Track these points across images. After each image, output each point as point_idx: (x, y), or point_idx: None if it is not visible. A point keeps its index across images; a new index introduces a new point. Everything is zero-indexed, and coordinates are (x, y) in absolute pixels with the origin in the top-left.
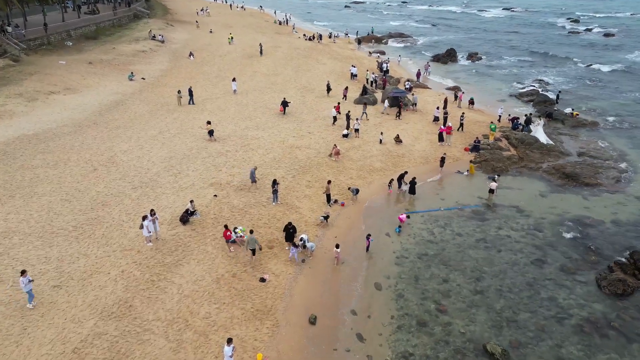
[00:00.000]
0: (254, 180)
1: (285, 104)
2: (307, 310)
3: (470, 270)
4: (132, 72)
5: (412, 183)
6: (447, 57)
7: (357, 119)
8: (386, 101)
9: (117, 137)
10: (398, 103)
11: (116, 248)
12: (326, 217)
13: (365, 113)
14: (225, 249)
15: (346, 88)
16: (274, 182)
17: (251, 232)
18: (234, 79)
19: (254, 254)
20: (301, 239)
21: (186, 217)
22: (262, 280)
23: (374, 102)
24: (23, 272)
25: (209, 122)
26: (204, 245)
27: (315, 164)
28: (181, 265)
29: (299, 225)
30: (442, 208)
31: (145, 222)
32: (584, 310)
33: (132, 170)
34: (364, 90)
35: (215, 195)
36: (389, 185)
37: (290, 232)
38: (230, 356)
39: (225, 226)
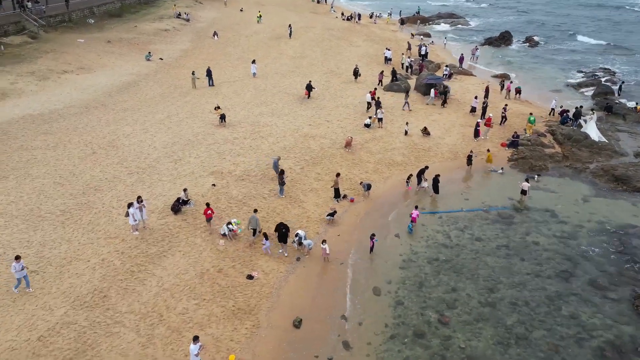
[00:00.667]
0: (277, 172)
1: (309, 87)
2: (293, 312)
3: (484, 279)
4: (149, 52)
5: (435, 180)
6: (501, 40)
7: (380, 108)
8: (432, 91)
9: (122, 120)
10: (431, 90)
11: (101, 235)
12: (332, 214)
13: (408, 103)
14: (214, 243)
15: (381, 72)
16: (282, 173)
17: (255, 211)
18: (253, 61)
19: (254, 234)
20: (297, 235)
21: (178, 206)
22: (250, 277)
23: (406, 90)
24: (17, 258)
25: (217, 107)
26: (192, 237)
27: (328, 155)
28: (165, 257)
29: (300, 220)
30: (464, 209)
31: (131, 210)
32: (610, 332)
33: (132, 154)
34: (394, 76)
35: (214, 185)
36: (407, 182)
37: (282, 232)
38: (196, 355)
39: (207, 204)
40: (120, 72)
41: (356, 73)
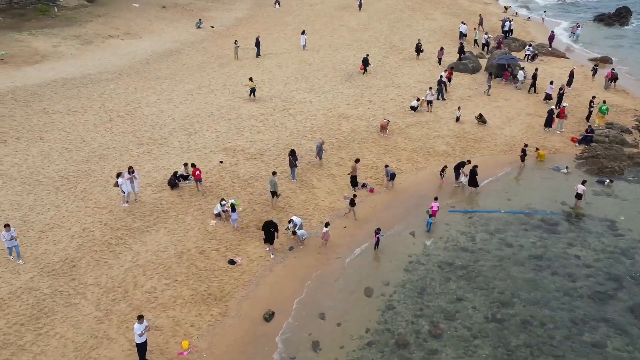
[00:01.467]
0: (320, 157)
1: (366, 62)
2: (268, 304)
3: (500, 291)
4: (200, 20)
5: (473, 173)
6: (615, 18)
7: (430, 89)
8: (521, 72)
9: (150, 89)
10: (503, 73)
11: (90, 204)
12: (352, 202)
13: (490, 86)
14: (205, 222)
15: (441, 49)
16: (293, 153)
17: (274, 173)
18: (303, 32)
19: (273, 196)
20: (290, 221)
21: (174, 181)
22: (232, 262)
23: (473, 70)
24: (6, 226)
25: (251, 79)
26: (183, 215)
27: (358, 139)
28: (148, 233)
29: (305, 207)
30: (503, 210)
31: (119, 180)
32: None
33: (147, 125)
34: (461, 53)
35: (221, 162)
36: (441, 174)
37: (270, 231)
38: (140, 334)
39: (193, 165)
40: (165, 39)
41: (419, 49)
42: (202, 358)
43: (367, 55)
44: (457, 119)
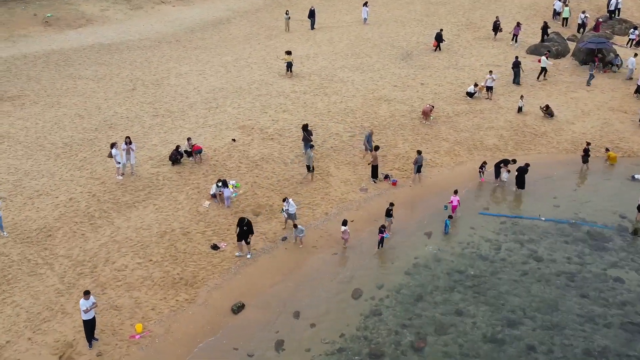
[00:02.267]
0: (369, 148)
1: (439, 37)
2: (240, 295)
3: (510, 309)
4: None
5: (522, 171)
6: None
7: (490, 72)
8: (632, 60)
9: (185, 59)
10: (593, 58)
11: (85, 174)
12: (388, 212)
13: (592, 75)
14: (199, 202)
15: (517, 25)
16: (305, 128)
17: (312, 147)
18: (365, 4)
19: (308, 170)
20: (285, 200)
21: (176, 157)
22: (215, 247)
23: (558, 55)
24: None
25: (288, 53)
26: (177, 192)
27: (395, 125)
28: (135, 208)
29: (313, 196)
30: (544, 218)
31: (113, 151)
32: None
33: (169, 96)
34: (544, 33)
35: (234, 140)
36: (480, 171)
37: (244, 230)
38: (85, 311)
39: (188, 139)
40: (218, 7)
41: (496, 27)
42: (154, 344)
43: (441, 30)
44: (519, 110)
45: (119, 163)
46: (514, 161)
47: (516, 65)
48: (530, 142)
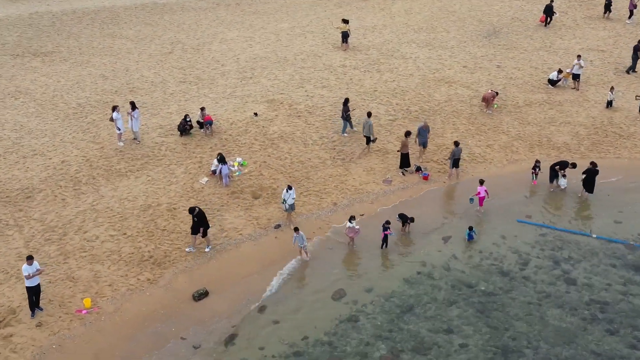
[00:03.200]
0: (423, 143)
1: (549, 11)
2: (208, 282)
3: (512, 336)
4: None
5: (591, 173)
6: None
7: (578, 57)
8: None
9: (237, 24)
10: None
11: (88, 138)
12: (403, 218)
13: None
14: (196, 178)
15: (633, 3)
16: (345, 102)
17: (369, 115)
18: None
19: (367, 142)
20: (290, 188)
21: (184, 126)
22: None
23: None
24: None
25: (345, 21)
26: (176, 165)
27: (448, 112)
28: (126, 177)
29: (325, 183)
30: (595, 235)
31: (115, 115)
32: None
33: (204, 62)
34: None
35: (256, 114)
36: (533, 173)
37: (194, 221)
38: (27, 277)
39: (202, 108)
40: None
41: (608, 5)
42: (99, 322)
43: (552, 1)
44: (609, 104)
45: (119, 129)
46: (574, 165)
47: (635, 51)
48: (610, 144)
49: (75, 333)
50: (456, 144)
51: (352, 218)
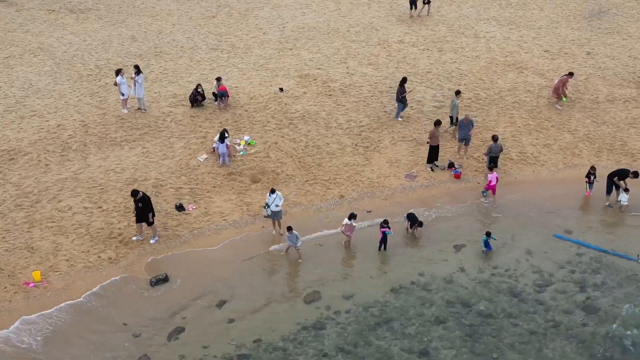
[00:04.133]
0: (463, 139)
1: None
2: (174, 268)
3: None
4: None
5: None
6: None
7: None
8: None
9: None
10: None
11: (94, 102)
12: (411, 217)
13: None
14: (195, 154)
15: None
16: (402, 83)
17: (457, 93)
18: None
19: (452, 122)
20: (272, 192)
21: (195, 97)
22: (179, 208)
23: None
24: None
25: None
26: (177, 139)
27: (507, 103)
28: (120, 148)
29: (337, 172)
30: None
31: (119, 79)
32: None
33: (245, 29)
34: None
35: (281, 89)
36: (587, 182)
37: (138, 206)
38: None
39: (218, 78)
40: None
41: None
42: (43, 297)
43: None
44: None
45: (123, 94)
46: (635, 174)
47: None
48: None
49: (15, 306)
50: (494, 138)
51: (352, 216)
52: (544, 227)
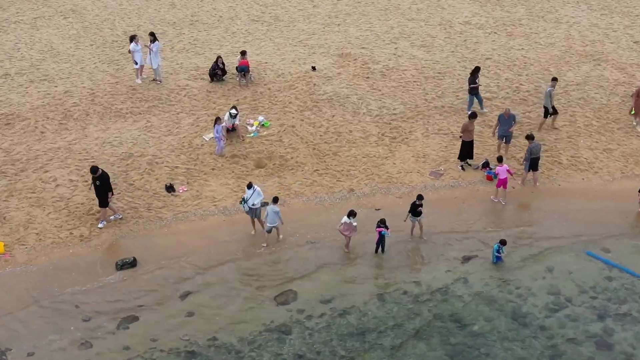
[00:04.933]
0: (504, 136)
1: None
2: (147, 252)
3: None
4: None
5: None
6: None
7: None
8: None
9: None
10: None
11: (110, 70)
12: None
13: None
14: (202, 132)
15: None
16: (474, 72)
17: (554, 80)
18: None
19: (545, 114)
20: (249, 186)
21: (214, 71)
22: (170, 189)
23: None
24: None
25: None
26: (186, 114)
27: (572, 98)
28: (123, 119)
29: (355, 163)
30: None
31: (132, 46)
32: None
33: (294, 0)
34: None
35: (314, 68)
36: None
37: (97, 186)
38: None
39: (243, 53)
40: None
41: None
42: (2, 271)
43: None
44: None
45: (137, 63)
46: None
47: None
48: None
49: None
50: (530, 137)
51: (351, 214)
52: (577, 244)
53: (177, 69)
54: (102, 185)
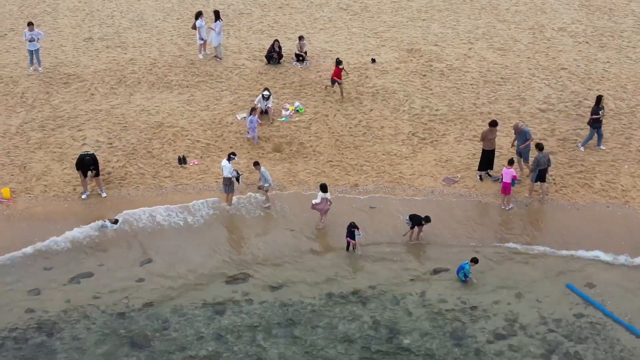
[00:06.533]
0: (519, 153)
1: None
2: (133, 217)
3: None
4: None
5: None
6: None
7: None
8: None
9: None
10: None
11: (181, 43)
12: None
13: None
14: (238, 111)
15: None
16: (598, 101)
17: None
18: None
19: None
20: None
21: (270, 54)
22: (182, 161)
23: None
24: (30, 25)
25: None
26: (230, 92)
27: (636, 120)
28: (169, 90)
29: (369, 157)
30: None
31: (198, 22)
32: None
33: None
34: None
35: (373, 61)
36: None
37: (81, 164)
38: None
39: (338, 61)
40: None
41: None
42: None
43: None
44: None
45: (202, 39)
46: None
47: None
48: None
49: None
50: (539, 147)
51: (324, 187)
52: (565, 274)
53: (242, 49)
54: (92, 164)
